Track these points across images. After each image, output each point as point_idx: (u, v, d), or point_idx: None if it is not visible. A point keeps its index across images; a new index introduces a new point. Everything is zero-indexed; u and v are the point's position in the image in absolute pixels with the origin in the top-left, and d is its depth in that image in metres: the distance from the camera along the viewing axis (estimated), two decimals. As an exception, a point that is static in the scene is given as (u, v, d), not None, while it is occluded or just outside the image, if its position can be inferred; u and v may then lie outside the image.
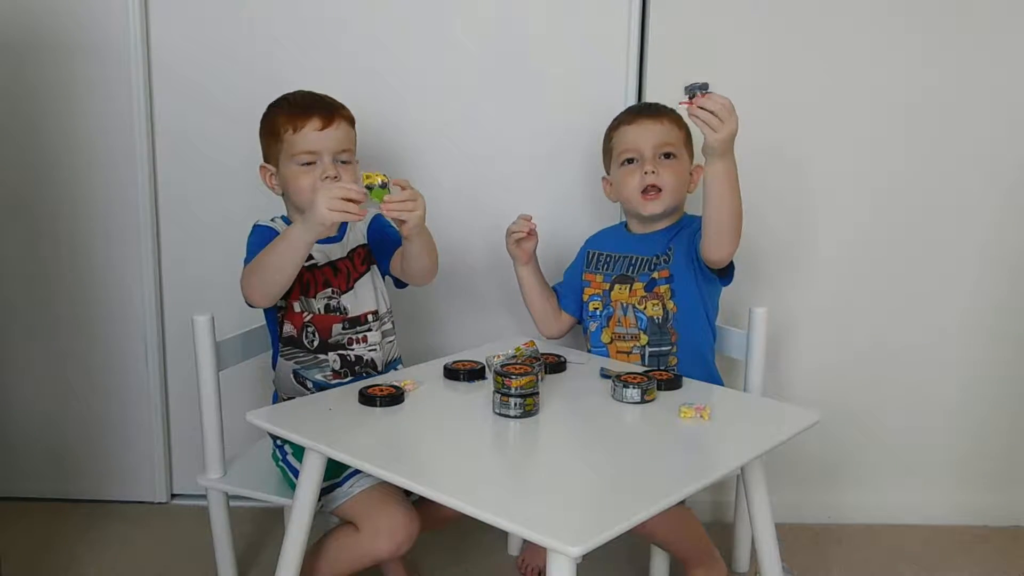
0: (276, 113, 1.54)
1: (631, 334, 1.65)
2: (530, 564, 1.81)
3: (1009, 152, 1.94)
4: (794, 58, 1.91)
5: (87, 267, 2.01)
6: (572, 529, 0.98)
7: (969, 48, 1.90)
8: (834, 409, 1.95)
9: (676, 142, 1.65)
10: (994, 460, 2.08)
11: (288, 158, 1.51)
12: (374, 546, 1.40)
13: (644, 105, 1.76)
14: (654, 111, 1.67)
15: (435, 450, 1.24)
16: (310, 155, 1.50)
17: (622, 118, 1.71)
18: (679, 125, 1.66)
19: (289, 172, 1.51)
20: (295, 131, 1.49)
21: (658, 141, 1.64)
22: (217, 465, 1.54)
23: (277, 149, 1.53)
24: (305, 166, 1.50)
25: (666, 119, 1.66)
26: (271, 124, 1.54)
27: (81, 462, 2.09)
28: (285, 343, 1.56)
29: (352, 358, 1.57)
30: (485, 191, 1.98)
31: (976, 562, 1.93)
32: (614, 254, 1.72)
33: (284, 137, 1.51)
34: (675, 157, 1.64)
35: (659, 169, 1.63)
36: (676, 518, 1.58)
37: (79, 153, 1.96)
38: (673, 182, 1.63)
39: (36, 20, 1.89)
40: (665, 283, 1.63)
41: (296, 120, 1.49)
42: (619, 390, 1.37)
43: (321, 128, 1.50)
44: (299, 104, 1.52)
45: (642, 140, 1.65)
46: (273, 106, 1.57)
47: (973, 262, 1.99)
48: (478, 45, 1.92)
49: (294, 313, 1.55)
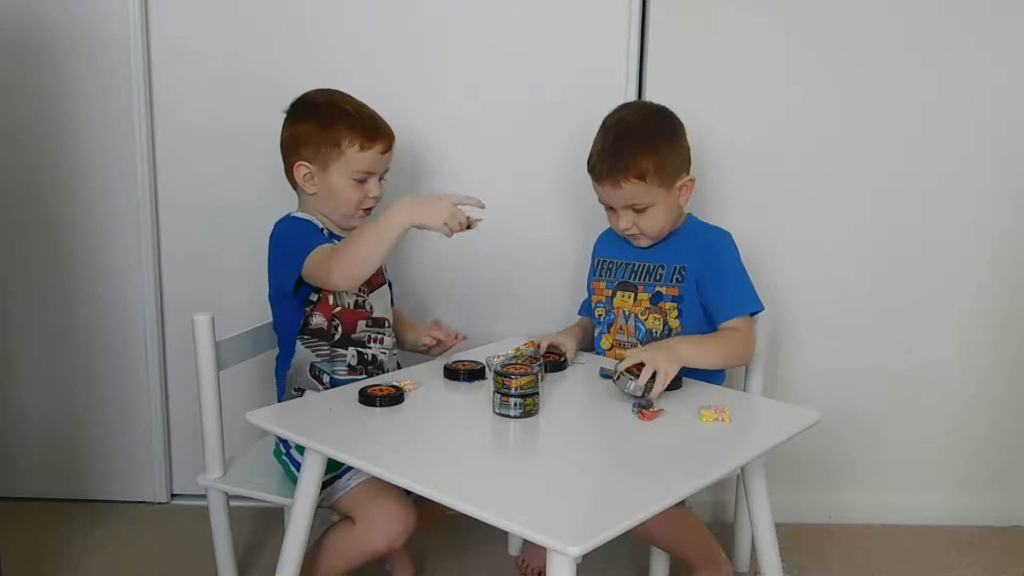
0: (340, 124, 1.54)
1: (630, 342, 1.65)
2: (530, 564, 1.81)
3: (1012, 152, 1.94)
4: (795, 58, 1.91)
5: (87, 266, 2.01)
6: (572, 529, 0.98)
7: (970, 48, 1.90)
8: (834, 409, 1.94)
9: (642, 196, 1.57)
10: (994, 460, 2.08)
11: (345, 171, 1.55)
12: (369, 539, 1.41)
13: (607, 160, 1.58)
14: (614, 172, 1.56)
15: (435, 450, 1.24)
16: (367, 174, 1.57)
17: (591, 165, 1.61)
18: (641, 176, 1.54)
19: (341, 184, 1.55)
20: (363, 150, 1.54)
21: (623, 203, 1.59)
22: (217, 465, 1.54)
23: (331, 157, 1.54)
24: (358, 182, 1.56)
25: (624, 182, 1.55)
26: (333, 133, 1.54)
27: (81, 462, 2.09)
28: (311, 334, 1.56)
29: (369, 356, 1.59)
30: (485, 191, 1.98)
31: (976, 562, 1.93)
32: (617, 261, 1.71)
33: (346, 151, 1.54)
34: (647, 208, 1.58)
35: (634, 220, 1.60)
36: (677, 520, 1.58)
37: (79, 152, 1.96)
38: (651, 226, 1.60)
39: (36, 20, 1.89)
40: (672, 301, 1.61)
41: (364, 140, 1.54)
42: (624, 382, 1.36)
43: (382, 152, 1.57)
44: (368, 125, 1.56)
45: (610, 200, 1.61)
46: (332, 112, 1.55)
47: (974, 263, 1.99)
48: (478, 45, 1.92)
49: (327, 305, 1.56)
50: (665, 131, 1.61)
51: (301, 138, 1.56)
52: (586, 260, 1.80)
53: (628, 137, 1.58)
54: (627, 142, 1.57)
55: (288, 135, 1.59)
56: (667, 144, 1.59)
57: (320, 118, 1.55)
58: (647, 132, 1.59)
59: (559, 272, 1.98)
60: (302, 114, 1.58)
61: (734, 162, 1.92)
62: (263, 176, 1.95)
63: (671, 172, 1.58)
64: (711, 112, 1.87)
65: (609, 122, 1.64)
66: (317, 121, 1.55)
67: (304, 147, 1.56)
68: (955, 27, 1.89)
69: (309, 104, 1.59)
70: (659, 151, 1.57)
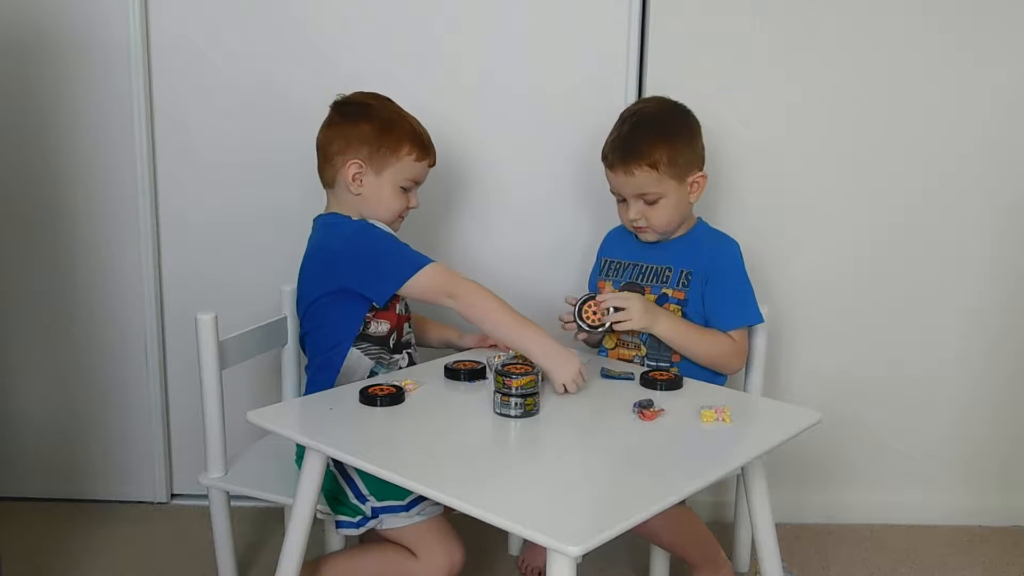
0: (403, 131, 1.56)
1: (633, 343, 1.65)
2: (530, 564, 1.81)
3: (1012, 152, 1.95)
4: (795, 58, 1.91)
5: (87, 266, 2.01)
6: (572, 529, 0.98)
7: (970, 49, 1.90)
8: (834, 409, 1.94)
9: (653, 186, 1.58)
10: (994, 460, 2.08)
11: (397, 176, 1.56)
12: (428, 574, 1.44)
13: (620, 147, 1.60)
14: (628, 158, 1.58)
15: (435, 450, 1.24)
16: (414, 184, 1.60)
17: (605, 153, 1.63)
18: (654, 165, 1.56)
19: (390, 188, 1.56)
20: (417, 160, 1.57)
21: (634, 191, 1.60)
22: (219, 464, 1.54)
23: (389, 161, 1.54)
24: (404, 190, 1.58)
25: (637, 169, 1.57)
26: (395, 139, 1.54)
27: (81, 462, 2.09)
28: (371, 341, 1.54)
29: (408, 361, 1.60)
30: (485, 192, 1.98)
31: (976, 562, 1.93)
32: (624, 261, 1.71)
33: (404, 159, 1.55)
34: (657, 199, 1.59)
35: (643, 212, 1.61)
36: (678, 520, 1.58)
37: (79, 152, 1.96)
38: (660, 220, 1.61)
39: (36, 19, 1.89)
40: (677, 304, 1.61)
41: (421, 152, 1.58)
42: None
43: (431, 165, 1.62)
44: (425, 138, 1.59)
45: (621, 188, 1.62)
46: (395, 118, 1.57)
47: (974, 264, 1.99)
48: (478, 45, 1.92)
49: (393, 313, 1.56)
50: (682, 125, 1.62)
51: (360, 137, 1.54)
52: (591, 260, 1.80)
53: (645, 126, 1.60)
54: (643, 131, 1.59)
55: (338, 133, 1.55)
56: (682, 137, 1.60)
57: (382, 122, 1.55)
58: (664, 123, 1.61)
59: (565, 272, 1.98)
60: (359, 114, 1.56)
61: (734, 162, 1.92)
62: (263, 175, 1.96)
63: (684, 165, 1.59)
64: (711, 112, 1.86)
65: (626, 113, 1.66)
66: (379, 124, 1.54)
67: (361, 147, 1.53)
68: (956, 28, 1.89)
69: (364, 106, 1.57)
70: (674, 142, 1.58)
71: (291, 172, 1.88)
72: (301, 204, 1.67)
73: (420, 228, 1.98)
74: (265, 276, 1.86)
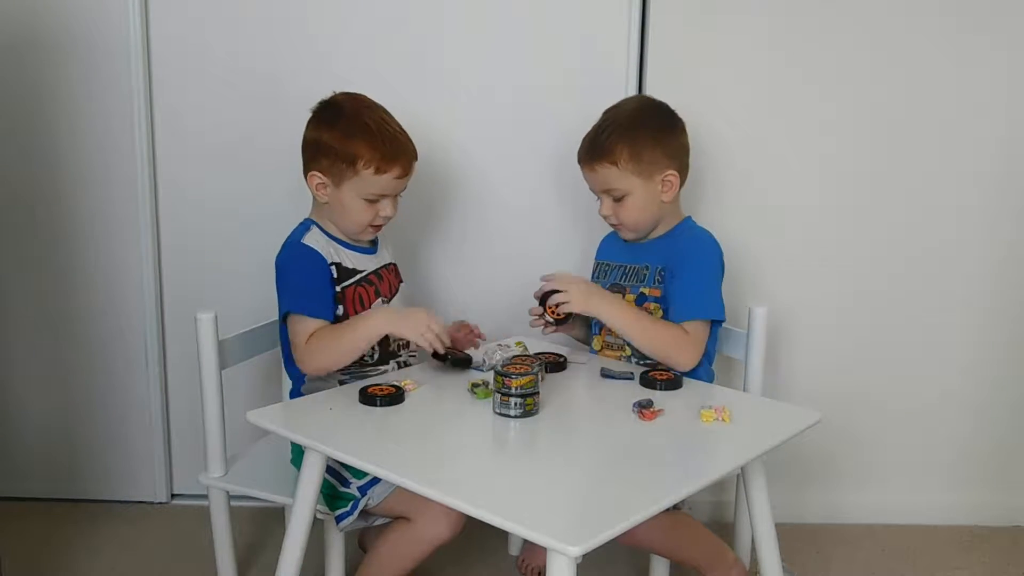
0: (359, 141, 1.47)
1: (618, 343, 1.65)
2: (530, 564, 1.81)
3: (1017, 152, 1.94)
4: (794, 58, 1.91)
5: (87, 266, 2.01)
6: (572, 529, 0.98)
7: (974, 52, 1.90)
8: (834, 409, 1.94)
9: (616, 182, 1.58)
10: (994, 460, 2.08)
11: (357, 190, 1.49)
12: (435, 530, 1.39)
13: (587, 144, 1.64)
14: (591, 155, 1.60)
15: (435, 450, 1.24)
16: (380, 196, 1.51)
17: (578, 151, 1.66)
18: (614, 162, 1.57)
19: (353, 203, 1.50)
20: (377, 172, 1.48)
21: (600, 187, 1.62)
22: (219, 464, 1.54)
23: (346, 175, 1.48)
24: (369, 203, 1.51)
25: (599, 165, 1.58)
26: (349, 151, 1.47)
27: (81, 462, 2.09)
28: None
29: (403, 364, 1.59)
30: (485, 192, 1.98)
31: (976, 562, 1.93)
32: (612, 263, 1.71)
33: (361, 172, 1.47)
34: (623, 196, 1.59)
35: (613, 209, 1.62)
36: (672, 526, 1.54)
37: (79, 152, 1.96)
38: (629, 216, 1.61)
39: (37, 19, 1.89)
40: (656, 302, 1.61)
41: (381, 163, 1.47)
42: None
43: (398, 177, 1.51)
44: (388, 147, 1.48)
45: (590, 184, 1.65)
46: (354, 127, 1.48)
47: (973, 263, 1.99)
48: (477, 45, 1.92)
49: None
50: (651, 122, 1.61)
51: (320, 147, 1.50)
52: (590, 262, 1.80)
53: (611, 124, 1.61)
54: (609, 128, 1.61)
55: (311, 139, 1.52)
56: (648, 134, 1.59)
57: (341, 130, 1.48)
58: (630, 121, 1.61)
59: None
60: (327, 120, 1.51)
61: (734, 162, 1.92)
62: (264, 175, 1.96)
63: (649, 163, 1.58)
64: (711, 111, 1.87)
65: (604, 113, 1.66)
66: (339, 132, 1.48)
67: (321, 157, 1.50)
68: (959, 30, 1.89)
69: (335, 111, 1.51)
70: (637, 139, 1.58)
71: (291, 172, 1.87)
72: (301, 204, 1.66)
73: (420, 228, 1.99)
74: (265, 276, 1.85)
